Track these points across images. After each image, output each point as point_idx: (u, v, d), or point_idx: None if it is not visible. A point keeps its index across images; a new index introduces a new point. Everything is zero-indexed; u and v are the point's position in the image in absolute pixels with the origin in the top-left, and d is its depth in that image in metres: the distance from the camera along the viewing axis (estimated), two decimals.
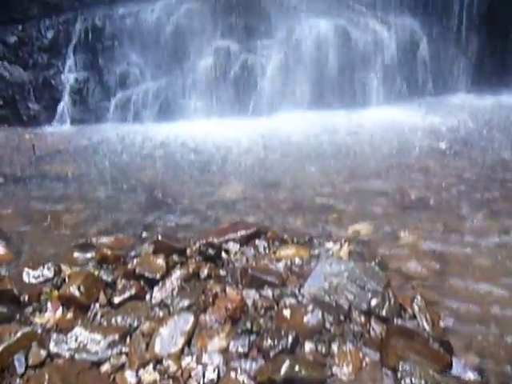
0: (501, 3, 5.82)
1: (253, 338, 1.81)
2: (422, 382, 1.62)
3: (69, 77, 5.30)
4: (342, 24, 5.44)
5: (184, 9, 5.21)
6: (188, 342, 1.81)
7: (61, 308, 2.00)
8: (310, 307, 1.92)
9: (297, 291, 2.05)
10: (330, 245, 2.49)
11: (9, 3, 5.30)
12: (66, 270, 2.27)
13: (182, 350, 1.78)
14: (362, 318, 1.91)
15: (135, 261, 2.27)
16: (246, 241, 2.45)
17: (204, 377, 1.68)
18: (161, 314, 1.96)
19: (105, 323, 1.93)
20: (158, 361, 1.74)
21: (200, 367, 1.71)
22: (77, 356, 1.77)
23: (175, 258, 2.27)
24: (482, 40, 6.01)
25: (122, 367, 1.73)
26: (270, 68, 5.10)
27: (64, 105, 5.31)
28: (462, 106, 5.71)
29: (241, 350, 1.77)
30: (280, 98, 5.16)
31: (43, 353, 1.77)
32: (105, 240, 2.57)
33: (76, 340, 1.82)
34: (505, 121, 5.00)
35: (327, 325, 1.87)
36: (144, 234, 2.67)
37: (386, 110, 5.38)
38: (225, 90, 5.11)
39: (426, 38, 5.99)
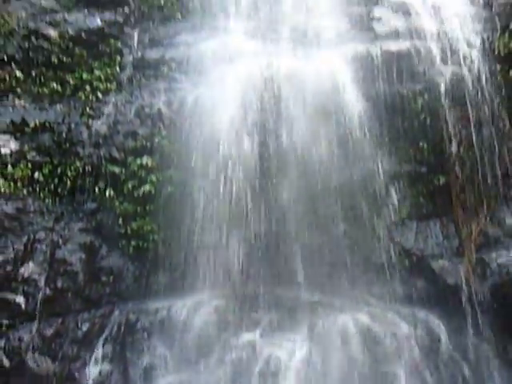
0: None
1: None
2: None
3: (93, 370, 5.34)
4: (362, 319, 5.68)
5: (213, 305, 5.63)
6: None
7: None
8: None
9: None
10: None
11: (55, 297, 5.82)
12: None
13: None
14: None
15: None
16: None
17: None
18: None
19: None
20: None
21: None
22: None
23: None
24: (502, 327, 6.06)
25: None
26: (294, 363, 5.11)
27: None
28: None
29: None
30: None
31: None
32: None
33: None
34: None
35: None
36: None
37: None
38: None
39: (445, 329, 6.11)
